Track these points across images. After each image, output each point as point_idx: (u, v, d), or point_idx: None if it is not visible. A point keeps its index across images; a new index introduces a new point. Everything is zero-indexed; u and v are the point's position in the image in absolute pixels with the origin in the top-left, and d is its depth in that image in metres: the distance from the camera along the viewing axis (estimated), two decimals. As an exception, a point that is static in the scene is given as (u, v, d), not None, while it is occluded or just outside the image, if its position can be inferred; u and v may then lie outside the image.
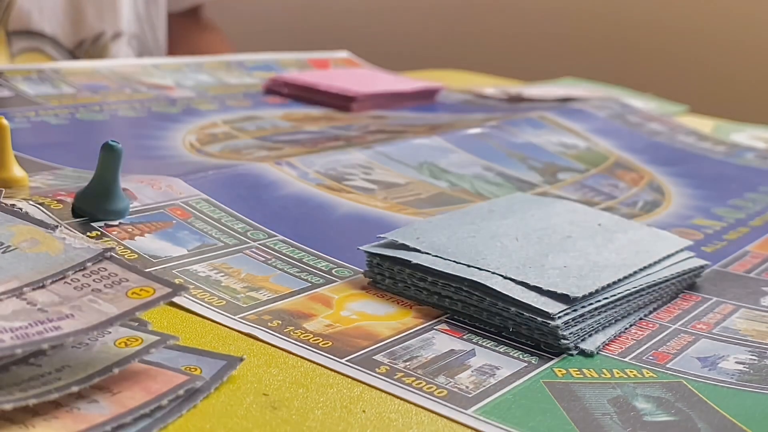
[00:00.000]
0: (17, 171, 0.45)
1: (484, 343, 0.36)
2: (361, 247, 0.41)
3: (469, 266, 0.38)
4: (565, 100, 0.85)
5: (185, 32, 1.05)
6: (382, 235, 0.41)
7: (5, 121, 0.45)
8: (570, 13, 1.37)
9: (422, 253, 0.40)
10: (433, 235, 0.41)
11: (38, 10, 0.87)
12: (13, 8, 0.85)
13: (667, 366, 0.36)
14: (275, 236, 0.44)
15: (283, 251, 0.43)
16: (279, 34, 1.59)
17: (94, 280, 0.31)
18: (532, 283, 0.37)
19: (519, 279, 0.37)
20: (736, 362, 0.37)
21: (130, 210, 0.43)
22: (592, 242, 0.42)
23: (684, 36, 1.28)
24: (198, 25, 1.06)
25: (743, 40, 1.24)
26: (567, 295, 0.36)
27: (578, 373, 0.35)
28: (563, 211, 0.46)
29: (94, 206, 0.42)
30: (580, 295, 0.36)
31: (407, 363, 0.34)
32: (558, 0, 1.38)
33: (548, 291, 0.37)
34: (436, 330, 0.37)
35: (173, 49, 1.02)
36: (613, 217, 0.47)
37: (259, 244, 0.43)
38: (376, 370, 0.33)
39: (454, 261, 0.39)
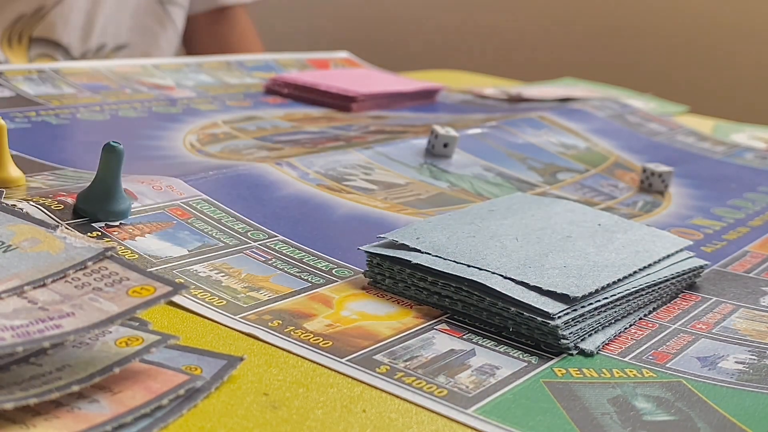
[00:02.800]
0: (14, 171, 0.45)
1: (484, 343, 0.36)
2: (361, 247, 0.41)
3: (469, 266, 0.38)
4: (565, 100, 0.85)
5: (212, 31, 1.05)
6: (382, 235, 0.42)
7: (2, 121, 0.45)
8: (570, 14, 1.37)
9: (422, 253, 0.40)
10: (433, 235, 0.41)
11: (63, 22, 0.89)
12: (46, 18, 0.88)
13: (667, 366, 0.36)
14: (275, 236, 0.44)
15: (284, 251, 0.43)
16: (279, 34, 1.59)
17: (94, 279, 0.31)
18: (531, 283, 0.37)
19: (519, 279, 0.37)
20: (736, 362, 0.37)
21: (132, 212, 0.43)
22: (591, 242, 0.42)
23: (684, 36, 1.28)
24: (227, 23, 1.07)
25: (743, 40, 1.24)
26: (567, 295, 0.36)
27: (578, 372, 0.35)
28: (563, 211, 0.46)
29: (95, 207, 0.42)
30: (580, 295, 0.36)
31: (407, 363, 0.34)
32: (557, 1, 1.38)
33: (548, 291, 0.37)
34: (436, 330, 0.37)
35: (198, 50, 1.03)
36: (612, 216, 0.47)
37: (260, 244, 0.43)
38: (377, 369, 0.33)
39: (454, 261, 0.39)
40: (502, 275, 0.38)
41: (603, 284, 0.38)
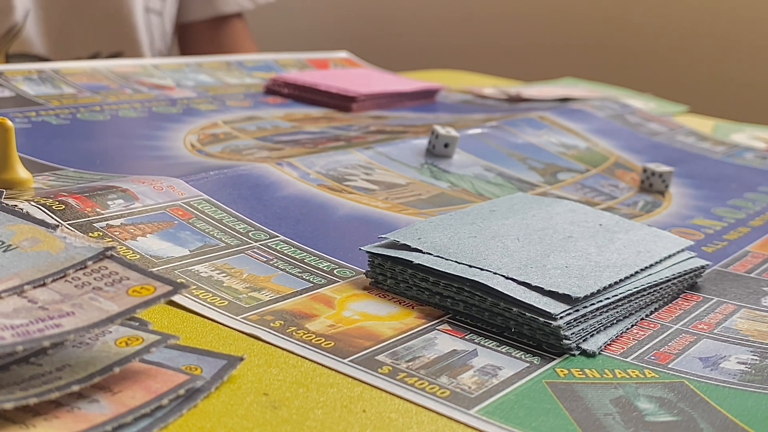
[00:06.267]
0: (22, 172, 0.45)
1: (486, 344, 0.36)
2: (362, 248, 0.41)
3: (470, 266, 0.38)
4: (565, 100, 0.85)
5: (210, 38, 1.06)
6: (383, 236, 0.41)
7: (9, 123, 0.45)
8: (570, 14, 1.37)
9: (424, 253, 0.39)
10: (434, 236, 0.41)
11: (38, 35, 0.89)
12: (20, 36, 0.88)
13: (669, 366, 0.36)
14: (277, 237, 0.44)
15: (285, 252, 0.43)
16: (279, 34, 1.59)
17: (94, 279, 0.31)
18: (533, 284, 0.37)
19: (521, 279, 0.37)
20: (738, 362, 0.37)
21: (132, 211, 0.43)
22: (593, 242, 0.42)
23: (683, 36, 1.28)
24: (226, 31, 1.07)
25: (743, 40, 1.24)
26: (568, 296, 0.36)
27: (580, 373, 0.35)
28: (564, 211, 0.46)
29: None
30: (581, 295, 0.36)
31: (409, 363, 0.34)
32: (557, 0, 1.38)
33: (549, 291, 0.37)
34: (438, 330, 0.37)
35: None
36: (613, 217, 0.47)
37: (261, 244, 0.43)
38: (379, 370, 0.33)
39: (456, 261, 0.39)
40: (504, 276, 0.38)
41: (605, 284, 0.38)
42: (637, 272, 0.40)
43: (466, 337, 0.37)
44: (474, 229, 0.42)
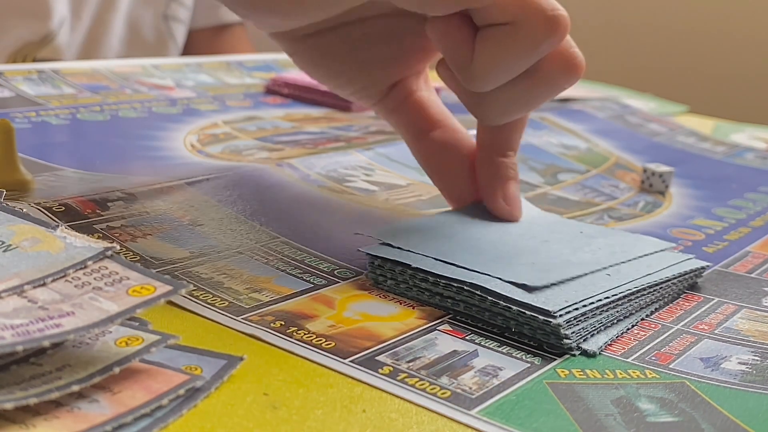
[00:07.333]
0: (23, 174, 0.45)
1: (486, 344, 0.36)
2: (361, 249, 0.41)
3: (469, 270, 0.38)
4: (565, 100, 0.85)
5: (212, 47, 1.06)
6: (366, 234, 0.41)
7: (11, 124, 0.45)
8: (570, 14, 1.37)
9: (426, 256, 0.39)
10: (428, 238, 0.41)
11: (68, 45, 0.89)
12: (52, 43, 0.88)
13: (670, 366, 0.36)
14: (277, 238, 0.44)
15: (285, 253, 0.43)
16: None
17: (94, 278, 0.31)
18: (494, 275, 0.37)
19: (484, 272, 0.38)
20: (739, 363, 0.37)
21: (133, 213, 0.43)
22: (569, 245, 0.42)
23: (684, 36, 1.28)
24: (228, 40, 1.07)
25: (743, 40, 1.24)
26: (527, 285, 0.37)
27: (581, 373, 0.35)
28: (547, 223, 0.46)
29: None
30: (539, 285, 0.37)
31: (410, 364, 0.34)
32: (557, 1, 1.38)
33: (510, 282, 0.37)
34: (439, 331, 0.37)
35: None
36: (596, 227, 0.47)
37: (261, 246, 0.43)
38: (379, 370, 0.33)
39: (455, 265, 0.39)
40: (468, 268, 0.38)
41: (566, 277, 0.38)
42: (605, 268, 0.40)
43: (467, 337, 0.37)
44: (449, 231, 0.42)
